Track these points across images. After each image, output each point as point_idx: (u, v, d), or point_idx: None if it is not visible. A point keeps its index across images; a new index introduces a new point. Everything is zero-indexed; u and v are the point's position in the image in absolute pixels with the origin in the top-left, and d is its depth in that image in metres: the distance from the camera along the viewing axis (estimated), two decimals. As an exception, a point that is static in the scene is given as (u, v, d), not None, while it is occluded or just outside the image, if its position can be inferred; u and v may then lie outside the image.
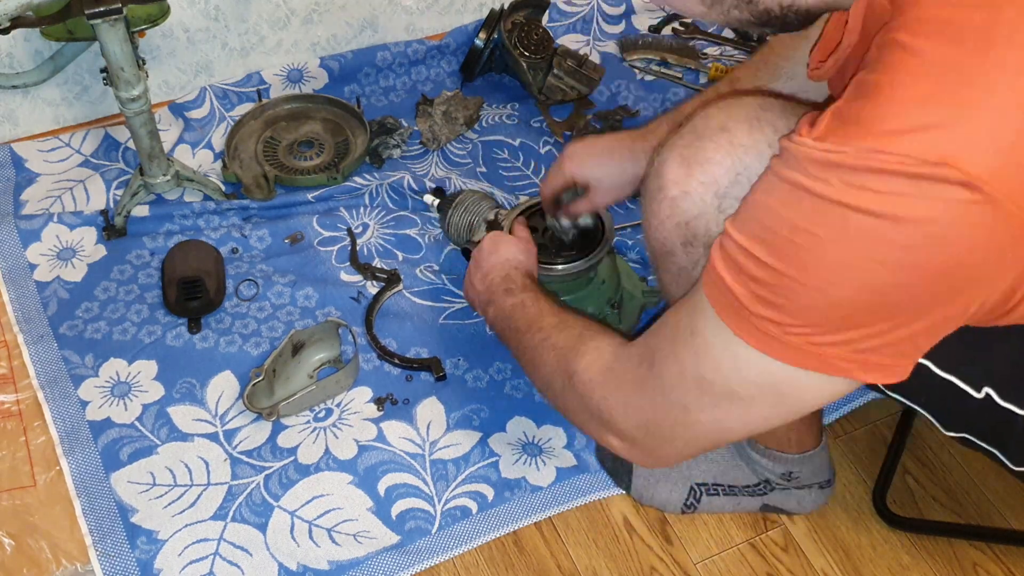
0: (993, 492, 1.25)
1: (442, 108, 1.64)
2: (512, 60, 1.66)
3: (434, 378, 1.30)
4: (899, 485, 1.26)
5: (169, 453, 1.22)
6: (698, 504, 1.20)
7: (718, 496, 1.19)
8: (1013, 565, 1.18)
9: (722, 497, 1.19)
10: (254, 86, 1.66)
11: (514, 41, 1.65)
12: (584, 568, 1.17)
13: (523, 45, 1.66)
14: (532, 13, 1.73)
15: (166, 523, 1.16)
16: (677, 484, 1.19)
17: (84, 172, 1.54)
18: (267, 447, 1.23)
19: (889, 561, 1.19)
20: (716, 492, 1.19)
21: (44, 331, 1.33)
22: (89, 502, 1.17)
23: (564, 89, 1.67)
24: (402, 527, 1.18)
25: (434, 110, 1.64)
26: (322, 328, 1.31)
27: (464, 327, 1.38)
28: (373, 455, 1.23)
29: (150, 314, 1.36)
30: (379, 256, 1.45)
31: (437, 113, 1.64)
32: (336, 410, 1.27)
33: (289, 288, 1.40)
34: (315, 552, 1.15)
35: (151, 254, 1.43)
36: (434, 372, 1.30)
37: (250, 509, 1.18)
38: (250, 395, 1.23)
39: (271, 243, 1.46)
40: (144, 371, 1.30)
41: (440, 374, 1.30)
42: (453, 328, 1.37)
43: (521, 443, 1.26)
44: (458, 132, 1.63)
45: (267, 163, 1.55)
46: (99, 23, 1.23)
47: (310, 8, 1.65)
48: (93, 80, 1.57)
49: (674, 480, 1.19)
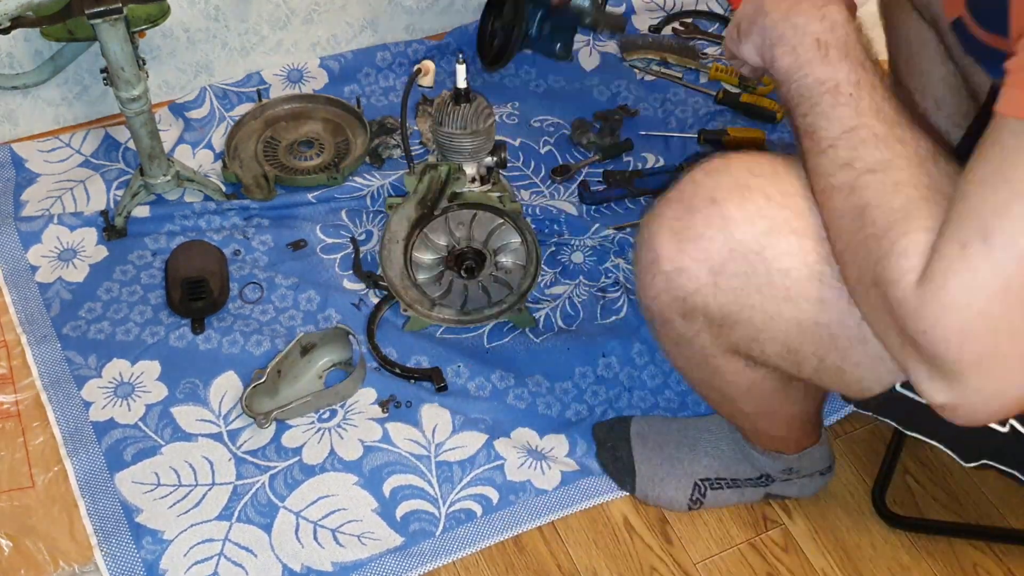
0: (993, 492, 1.26)
1: (442, 108, 1.64)
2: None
3: (435, 388, 1.30)
4: (899, 485, 1.26)
5: (173, 453, 1.22)
6: (704, 499, 1.20)
7: (723, 490, 1.20)
8: (1013, 565, 1.19)
9: (726, 490, 1.20)
10: (254, 86, 1.65)
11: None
12: (584, 568, 1.18)
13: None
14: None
15: (171, 523, 1.16)
16: (681, 481, 1.20)
17: (84, 172, 1.54)
18: (271, 447, 1.24)
19: (889, 561, 1.19)
20: (720, 486, 1.19)
21: (47, 332, 1.33)
22: (93, 503, 1.17)
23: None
24: (406, 529, 1.18)
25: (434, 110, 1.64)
26: (332, 333, 1.31)
27: (463, 339, 1.37)
28: (379, 456, 1.23)
29: (153, 315, 1.36)
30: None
31: (437, 113, 1.64)
32: (341, 411, 1.27)
33: (292, 291, 1.40)
34: (319, 553, 1.15)
35: (153, 254, 1.43)
36: (435, 382, 1.30)
37: (255, 509, 1.18)
38: (249, 397, 1.24)
39: (273, 246, 1.46)
40: (147, 372, 1.30)
41: (441, 384, 1.30)
42: (452, 339, 1.37)
43: (527, 448, 1.26)
44: (458, 132, 1.63)
45: (267, 163, 1.55)
46: (99, 23, 1.23)
47: (310, 8, 1.65)
48: (93, 80, 1.57)
49: (678, 478, 1.20)
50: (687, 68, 1.78)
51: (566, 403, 1.31)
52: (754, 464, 1.18)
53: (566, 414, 1.30)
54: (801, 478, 1.18)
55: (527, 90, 1.73)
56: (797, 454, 1.14)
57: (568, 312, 1.41)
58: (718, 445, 1.19)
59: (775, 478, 1.18)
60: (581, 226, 1.49)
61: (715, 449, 1.19)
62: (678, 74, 1.77)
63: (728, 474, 1.19)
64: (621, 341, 1.36)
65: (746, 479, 1.19)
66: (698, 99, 1.73)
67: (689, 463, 1.20)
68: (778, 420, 1.07)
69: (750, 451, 1.16)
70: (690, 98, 1.73)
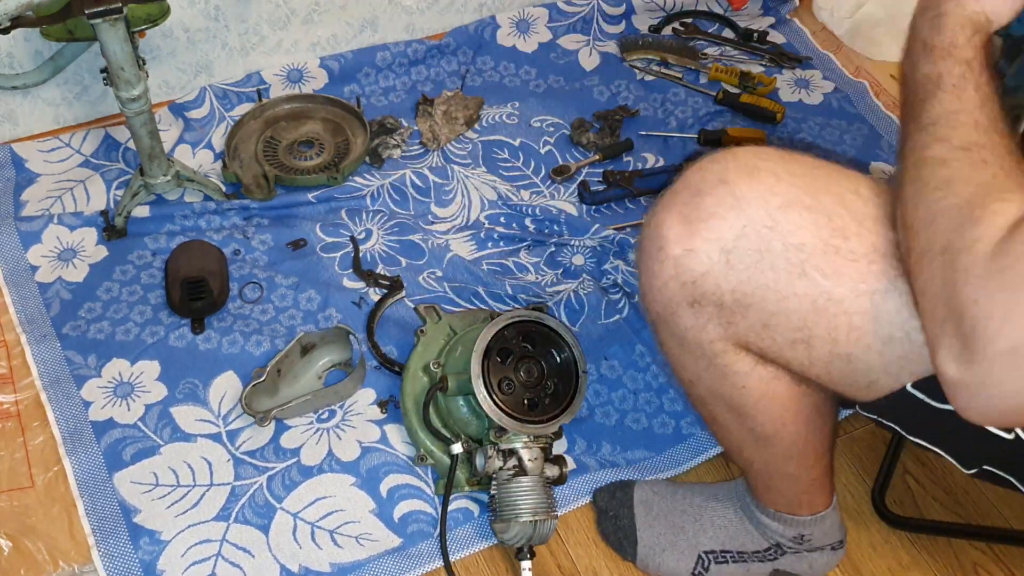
0: (993, 492, 1.26)
1: (442, 108, 1.64)
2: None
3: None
4: (899, 485, 1.26)
5: (172, 453, 1.22)
6: (706, 573, 1.14)
7: (727, 564, 1.13)
8: (1013, 565, 1.19)
9: (731, 565, 1.13)
10: (254, 86, 1.65)
11: None
12: (584, 568, 1.18)
13: None
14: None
15: (169, 524, 1.16)
16: (684, 553, 1.14)
17: (84, 172, 1.54)
18: (270, 448, 1.24)
19: (889, 561, 1.19)
20: (725, 560, 1.13)
21: (47, 331, 1.33)
22: (92, 502, 1.17)
23: None
24: (404, 529, 1.18)
25: (434, 110, 1.64)
26: (333, 333, 1.31)
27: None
28: (376, 456, 1.23)
29: (153, 314, 1.36)
30: (382, 262, 1.45)
31: (437, 113, 1.64)
32: (339, 411, 1.28)
33: (292, 291, 1.40)
34: (317, 554, 1.15)
35: (153, 254, 1.43)
36: None
37: (253, 510, 1.18)
38: (249, 395, 1.24)
39: (273, 245, 1.46)
40: (147, 371, 1.30)
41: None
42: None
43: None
44: (458, 132, 1.63)
45: (267, 163, 1.55)
46: (99, 23, 1.23)
47: (310, 8, 1.65)
48: (93, 80, 1.57)
49: (680, 549, 1.15)
50: (687, 68, 1.78)
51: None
52: (763, 533, 1.12)
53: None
54: (812, 552, 1.12)
55: (527, 90, 1.73)
56: (810, 516, 1.08)
57: (574, 308, 1.41)
58: (725, 514, 1.14)
59: (785, 549, 1.12)
60: (581, 226, 1.49)
61: (722, 519, 1.14)
62: (678, 74, 1.77)
63: (734, 546, 1.13)
64: (622, 345, 1.36)
65: (753, 552, 1.13)
66: (698, 99, 1.73)
67: (693, 533, 1.14)
68: (790, 449, 1.00)
69: (759, 516, 1.11)
70: (690, 98, 1.73)
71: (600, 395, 1.32)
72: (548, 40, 1.82)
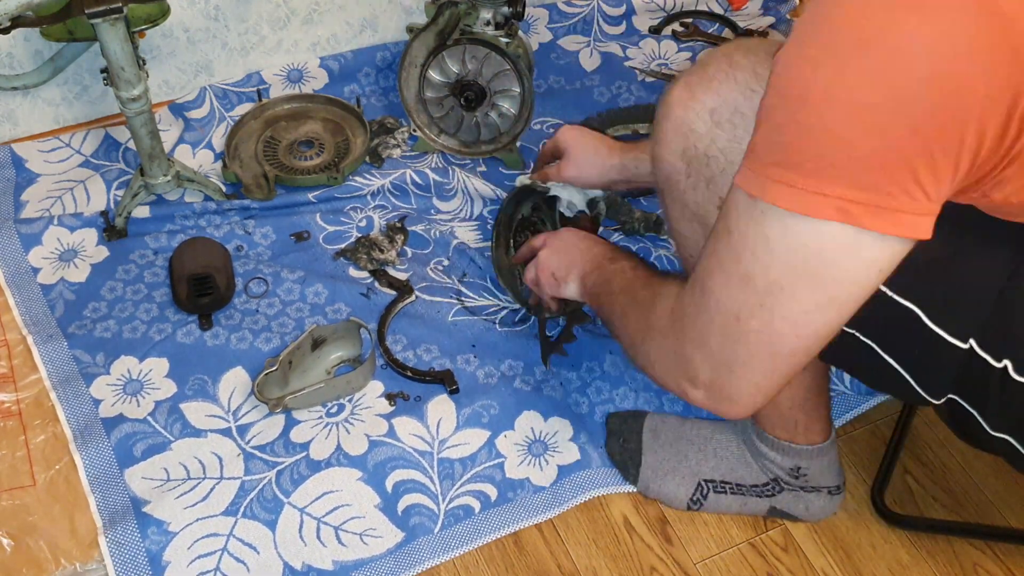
0: (993, 492, 1.26)
1: (442, 108, 1.64)
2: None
3: (447, 391, 1.30)
4: (899, 484, 1.26)
5: (183, 449, 1.22)
6: (704, 501, 1.20)
7: (725, 494, 1.19)
8: (1013, 565, 1.19)
9: (729, 496, 1.19)
10: (254, 86, 1.66)
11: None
12: (584, 568, 1.18)
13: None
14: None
15: (178, 515, 1.16)
16: (685, 479, 1.20)
17: (84, 172, 1.54)
18: (280, 442, 1.24)
19: (889, 560, 1.19)
20: (723, 490, 1.19)
21: (53, 331, 1.33)
22: (103, 498, 1.17)
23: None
24: (406, 523, 1.18)
25: (434, 110, 1.64)
26: (344, 327, 1.31)
27: (473, 323, 1.38)
28: (383, 451, 1.23)
29: (159, 312, 1.36)
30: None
31: (437, 113, 1.64)
32: (348, 405, 1.28)
33: (299, 285, 1.40)
34: (320, 552, 1.15)
35: (155, 253, 1.44)
36: (447, 385, 1.30)
37: (261, 505, 1.18)
38: (261, 383, 1.24)
39: (276, 240, 1.47)
40: (156, 368, 1.30)
41: (453, 387, 1.30)
42: (463, 324, 1.38)
43: (528, 442, 1.26)
44: (458, 132, 1.64)
45: (267, 163, 1.55)
46: (99, 23, 1.23)
47: (310, 8, 1.65)
48: (93, 80, 1.57)
49: (682, 475, 1.20)
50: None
51: (569, 392, 1.32)
52: (763, 466, 1.17)
53: (567, 401, 1.31)
54: (809, 492, 1.17)
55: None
56: (807, 446, 1.13)
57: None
58: (728, 445, 1.19)
59: (783, 485, 1.17)
60: (581, 226, 1.49)
61: (724, 450, 1.19)
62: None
63: (734, 478, 1.19)
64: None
65: (752, 485, 1.18)
66: (698, 99, 1.73)
67: (696, 462, 1.20)
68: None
69: (759, 445, 1.15)
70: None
71: (602, 392, 1.32)
72: (548, 41, 1.82)
